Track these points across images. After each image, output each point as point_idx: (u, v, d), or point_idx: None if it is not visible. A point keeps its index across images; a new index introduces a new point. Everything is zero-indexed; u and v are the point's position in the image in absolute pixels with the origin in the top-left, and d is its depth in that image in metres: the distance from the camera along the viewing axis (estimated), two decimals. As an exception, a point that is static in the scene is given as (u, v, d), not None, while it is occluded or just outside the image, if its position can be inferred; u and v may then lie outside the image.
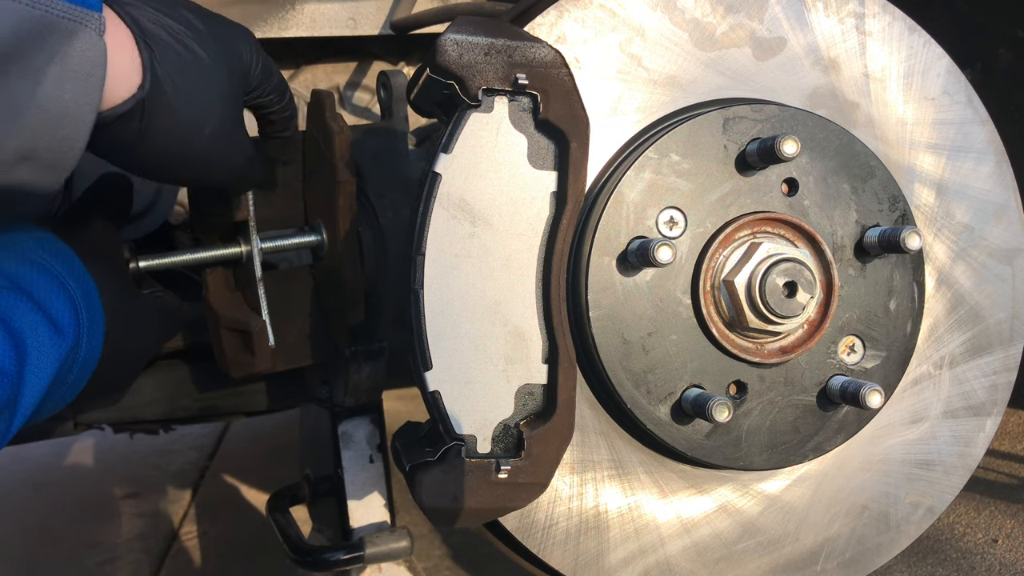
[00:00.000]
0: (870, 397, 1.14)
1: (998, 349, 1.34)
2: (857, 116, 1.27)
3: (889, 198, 1.21)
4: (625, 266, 1.12)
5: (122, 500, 3.27)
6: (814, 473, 1.29)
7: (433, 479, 1.05)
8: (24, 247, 0.94)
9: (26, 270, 0.91)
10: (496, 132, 1.06)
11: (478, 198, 1.06)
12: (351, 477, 1.60)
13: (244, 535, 2.84)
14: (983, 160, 1.32)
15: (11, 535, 3.02)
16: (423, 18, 1.60)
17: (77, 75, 0.80)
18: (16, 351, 0.84)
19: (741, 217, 1.15)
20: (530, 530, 1.20)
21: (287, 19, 1.66)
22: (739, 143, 1.15)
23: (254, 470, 3.38)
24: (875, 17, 1.28)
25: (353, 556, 1.52)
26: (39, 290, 0.91)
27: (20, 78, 0.76)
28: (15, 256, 0.92)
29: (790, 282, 1.12)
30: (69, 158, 0.83)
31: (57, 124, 0.80)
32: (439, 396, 1.06)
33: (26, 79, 0.76)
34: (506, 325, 1.08)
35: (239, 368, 1.41)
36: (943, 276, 1.31)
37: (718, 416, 1.09)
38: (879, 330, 1.21)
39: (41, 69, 0.77)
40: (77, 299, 0.97)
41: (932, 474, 1.34)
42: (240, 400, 1.71)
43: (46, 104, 0.78)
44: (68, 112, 0.80)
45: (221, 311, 1.40)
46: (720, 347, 1.15)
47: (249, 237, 1.33)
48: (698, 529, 1.25)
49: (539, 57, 1.05)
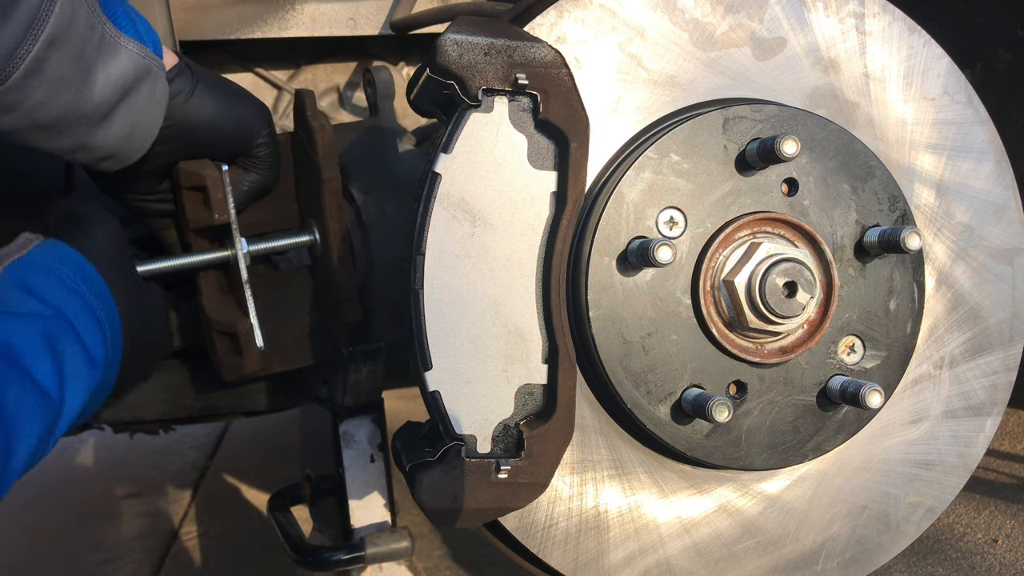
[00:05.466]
0: (870, 397, 1.14)
1: (998, 349, 1.34)
2: (857, 116, 1.27)
3: (889, 198, 1.21)
4: (625, 266, 1.12)
5: (122, 500, 3.27)
6: (814, 473, 1.29)
7: (433, 479, 1.05)
8: (62, 274, 1.04)
9: (69, 300, 1.02)
10: (496, 132, 1.06)
11: (478, 198, 1.06)
12: (352, 477, 1.60)
13: (244, 535, 2.84)
14: (983, 160, 1.32)
15: (11, 535, 3.02)
16: (423, 18, 1.60)
17: (160, 102, 1.18)
18: (60, 378, 0.94)
19: (741, 217, 1.15)
20: (530, 530, 1.20)
21: (287, 19, 1.66)
22: (739, 143, 1.15)
23: (254, 470, 3.38)
24: (875, 17, 1.28)
25: (354, 556, 1.52)
26: (79, 322, 1.01)
27: (136, 99, 1.13)
28: (58, 284, 1.03)
29: (790, 282, 1.12)
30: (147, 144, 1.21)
31: (148, 128, 1.19)
32: (439, 396, 1.06)
33: (139, 100, 1.13)
34: (506, 325, 1.08)
35: (230, 371, 1.41)
36: (943, 276, 1.31)
37: (718, 416, 1.09)
38: (879, 330, 1.21)
39: (145, 95, 1.14)
40: (106, 330, 1.07)
41: (932, 474, 1.34)
42: (240, 400, 1.71)
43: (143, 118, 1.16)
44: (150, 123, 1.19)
45: (213, 314, 1.40)
46: (720, 347, 1.15)
47: (234, 241, 1.34)
48: (698, 529, 1.25)
49: (539, 57, 1.05)
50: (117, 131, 1.13)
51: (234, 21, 1.64)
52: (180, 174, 1.30)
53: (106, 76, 1.07)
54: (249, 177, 1.37)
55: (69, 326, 0.99)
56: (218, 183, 1.31)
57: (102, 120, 1.10)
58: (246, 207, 1.41)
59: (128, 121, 1.13)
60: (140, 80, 1.12)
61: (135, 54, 1.10)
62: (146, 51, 1.12)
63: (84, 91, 1.05)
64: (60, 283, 1.04)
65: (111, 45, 1.07)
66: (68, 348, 0.98)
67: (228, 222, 1.33)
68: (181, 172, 1.30)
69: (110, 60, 1.07)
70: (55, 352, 0.95)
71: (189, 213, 1.33)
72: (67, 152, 1.12)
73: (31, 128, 1.04)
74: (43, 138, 1.07)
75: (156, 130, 1.20)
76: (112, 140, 1.13)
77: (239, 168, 1.36)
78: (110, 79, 1.07)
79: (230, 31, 1.64)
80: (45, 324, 0.96)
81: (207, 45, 1.66)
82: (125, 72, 1.09)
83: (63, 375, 0.95)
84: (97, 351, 1.04)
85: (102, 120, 1.10)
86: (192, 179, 1.30)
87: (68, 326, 0.99)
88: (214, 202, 1.31)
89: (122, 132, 1.14)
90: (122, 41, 1.09)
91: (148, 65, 1.13)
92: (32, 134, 1.05)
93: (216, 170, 1.31)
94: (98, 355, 1.04)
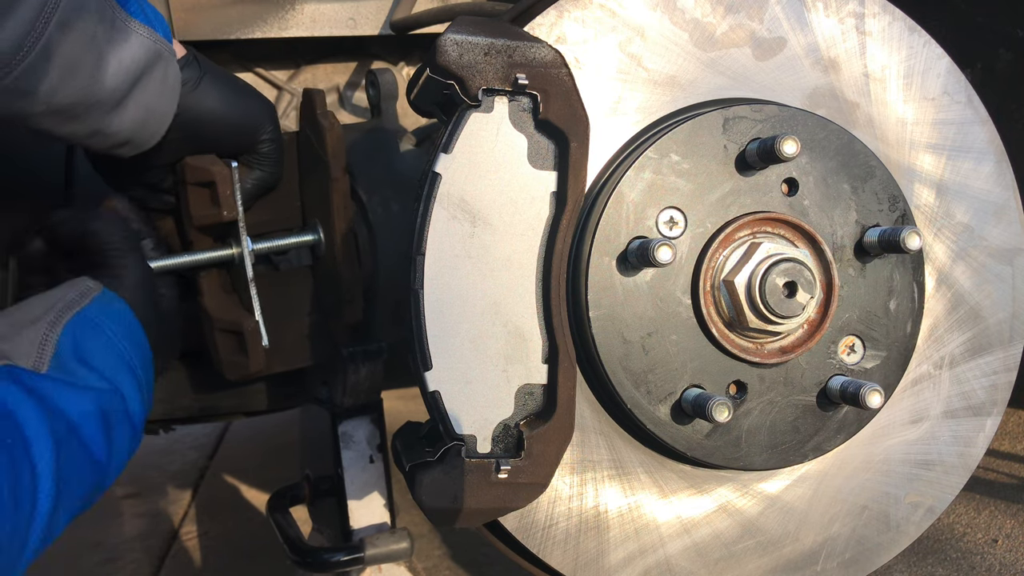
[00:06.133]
0: (870, 397, 1.14)
1: (998, 349, 1.34)
2: (857, 116, 1.27)
3: (889, 198, 1.21)
4: (625, 266, 1.12)
5: (122, 500, 3.27)
6: (814, 473, 1.29)
7: (433, 479, 1.05)
8: (120, 346, 1.09)
9: (123, 374, 1.08)
10: (496, 132, 1.06)
11: (478, 198, 1.06)
12: (351, 477, 1.60)
13: (244, 535, 2.84)
14: (983, 160, 1.32)
15: (11, 535, 3.01)
16: (423, 18, 1.60)
17: (173, 87, 1.19)
18: (109, 448, 1.02)
19: (741, 217, 1.15)
20: (530, 530, 1.19)
21: (287, 19, 1.66)
22: (739, 143, 1.15)
23: (254, 470, 3.38)
24: (875, 17, 1.28)
25: (353, 557, 1.51)
26: (129, 394, 1.07)
27: (149, 83, 1.14)
28: (116, 357, 1.08)
29: (790, 282, 1.12)
30: (161, 130, 1.21)
31: (162, 114, 1.19)
32: (439, 396, 1.06)
33: (152, 85, 1.14)
34: (506, 325, 1.08)
35: (233, 370, 1.41)
36: (943, 276, 1.31)
37: (718, 416, 1.08)
38: (879, 330, 1.21)
39: (158, 80, 1.15)
40: (145, 395, 1.12)
41: (932, 474, 1.34)
42: (240, 400, 1.71)
43: (156, 103, 1.17)
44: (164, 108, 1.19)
45: (215, 313, 1.40)
46: (720, 347, 1.15)
47: (240, 239, 1.33)
48: (698, 529, 1.25)
49: (539, 57, 1.05)
50: (132, 116, 1.13)
51: (234, 21, 1.64)
52: (187, 169, 1.29)
53: (118, 60, 1.08)
54: (253, 174, 1.37)
55: (121, 398, 1.05)
56: (227, 179, 1.30)
57: (116, 105, 1.11)
58: (250, 205, 1.41)
59: (142, 106, 1.14)
60: (152, 65, 1.13)
61: (146, 39, 1.11)
62: (156, 36, 1.13)
63: (97, 76, 1.06)
64: (115, 354, 1.07)
65: (122, 30, 1.08)
66: (118, 420, 1.04)
67: (236, 219, 1.32)
68: (188, 167, 1.29)
69: (122, 45, 1.08)
70: (108, 425, 1.02)
71: (194, 209, 1.32)
72: (82, 137, 1.13)
73: (46, 113, 1.05)
74: (57, 123, 1.08)
75: (170, 116, 1.20)
76: (127, 125, 1.14)
77: (244, 166, 1.36)
78: (123, 63, 1.08)
79: (230, 31, 1.64)
80: (102, 399, 1.01)
81: (207, 45, 1.66)
82: (137, 57, 1.10)
83: (112, 445, 1.02)
84: (139, 419, 1.10)
85: (116, 105, 1.11)
86: (199, 175, 1.29)
87: (120, 399, 1.05)
88: (222, 199, 1.30)
89: (137, 117, 1.14)
90: (133, 26, 1.10)
91: (159, 50, 1.13)
92: (47, 119, 1.06)
93: (224, 166, 1.30)
94: (139, 422, 1.10)
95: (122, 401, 1.05)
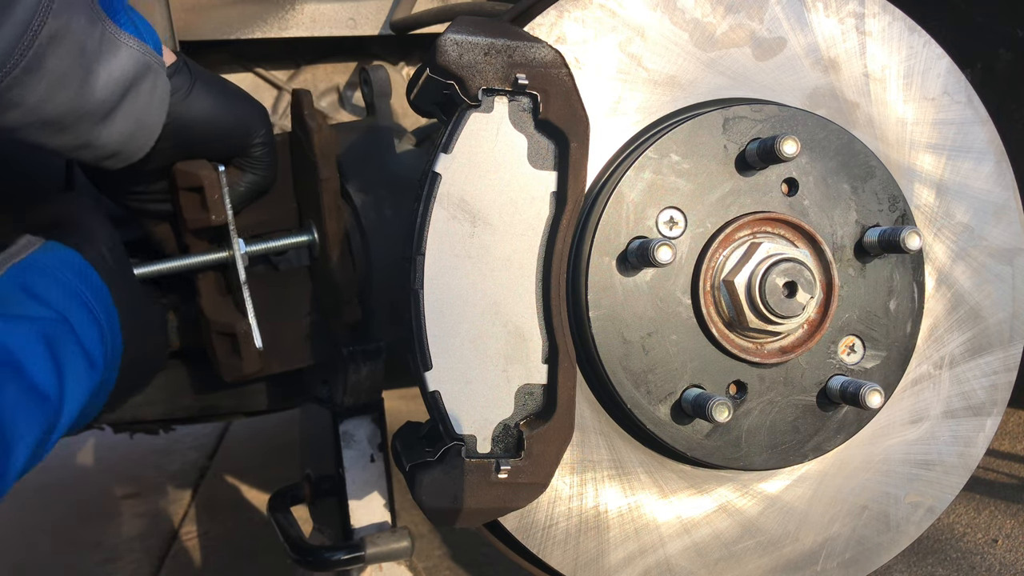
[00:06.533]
0: (870, 397, 1.14)
1: (998, 349, 1.34)
2: (857, 116, 1.27)
3: (889, 198, 1.21)
4: (625, 266, 1.12)
5: (122, 500, 3.27)
6: (814, 473, 1.29)
7: (433, 479, 1.05)
8: (64, 277, 1.06)
9: (70, 303, 1.03)
10: (496, 132, 1.06)
11: (478, 198, 1.06)
12: (352, 477, 1.60)
13: (244, 535, 2.84)
14: (983, 160, 1.32)
15: (11, 535, 3.02)
16: (423, 18, 1.60)
17: (162, 99, 1.18)
18: (59, 380, 0.96)
19: (741, 217, 1.15)
20: (530, 530, 1.20)
21: (287, 19, 1.66)
22: (739, 143, 1.15)
23: (254, 470, 3.38)
24: (875, 17, 1.28)
25: (354, 556, 1.51)
26: (80, 325, 1.03)
27: (138, 96, 1.13)
28: (59, 286, 1.04)
29: (790, 282, 1.12)
30: (150, 142, 1.21)
31: (151, 126, 1.19)
32: (439, 396, 1.06)
33: (141, 97, 1.14)
34: (506, 325, 1.08)
35: (229, 372, 1.41)
36: (943, 276, 1.31)
37: (718, 416, 1.09)
38: (879, 330, 1.21)
39: (146, 92, 1.14)
40: (105, 332, 1.08)
41: (932, 474, 1.34)
42: (240, 400, 1.71)
43: (145, 116, 1.17)
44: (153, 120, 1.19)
45: (212, 315, 1.40)
46: (720, 347, 1.15)
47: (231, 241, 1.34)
48: (698, 529, 1.25)
49: (539, 57, 1.05)
50: (120, 129, 1.13)
51: (234, 21, 1.64)
52: (176, 175, 1.30)
53: (108, 73, 1.08)
54: (246, 178, 1.37)
55: (70, 328, 1.00)
56: (214, 184, 1.31)
57: (105, 117, 1.10)
58: (243, 208, 1.41)
59: (131, 118, 1.14)
60: (141, 77, 1.13)
61: (136, 51, 1.11)
62: (146, 48, 1.13)
63: (86, 88, 1.06)
64: (61, 286, 1.04)
65: (111, 42, 1.08)
66: (68, 350, 0.99)
67: (225, 223, 1.33)
68: (177, 173, 1.30)
69: (111, 57, 1.07)
70: (55, 354, 0.96)
71: (186, 214, 1.33)
72: (70, 150, 1.13)
73: (34, 125, 1.04)
74: (46, 135, 1.07)
75: (159, 128, 1.20)
76: (115, 137, 1.14)
77: (236, 169, 1.36)
78: (112, 76, 1.08)
79: (230, 31, 1.64)
80: (45, 326, 0.97)
81: (207, 45, 1.66)
82: (126, 69, 1.10)
83: (63, 377, 0.96)
84: (97, 353, 1.05)
85: (105, 117, 1.10)
86: (188, 180, 1.30)
87: (69, 328, 1.00)
88: (210, 203, 1.31)
89: (125, 130, 1.14)
90: (122, 38, 1.09)
91: (149, 62, 1.13)
92: (35, 131, 1.06)
93: (212, 171, 1.31)
94: (98, 357, 1.05)
95: (70, 329, 1.00)
